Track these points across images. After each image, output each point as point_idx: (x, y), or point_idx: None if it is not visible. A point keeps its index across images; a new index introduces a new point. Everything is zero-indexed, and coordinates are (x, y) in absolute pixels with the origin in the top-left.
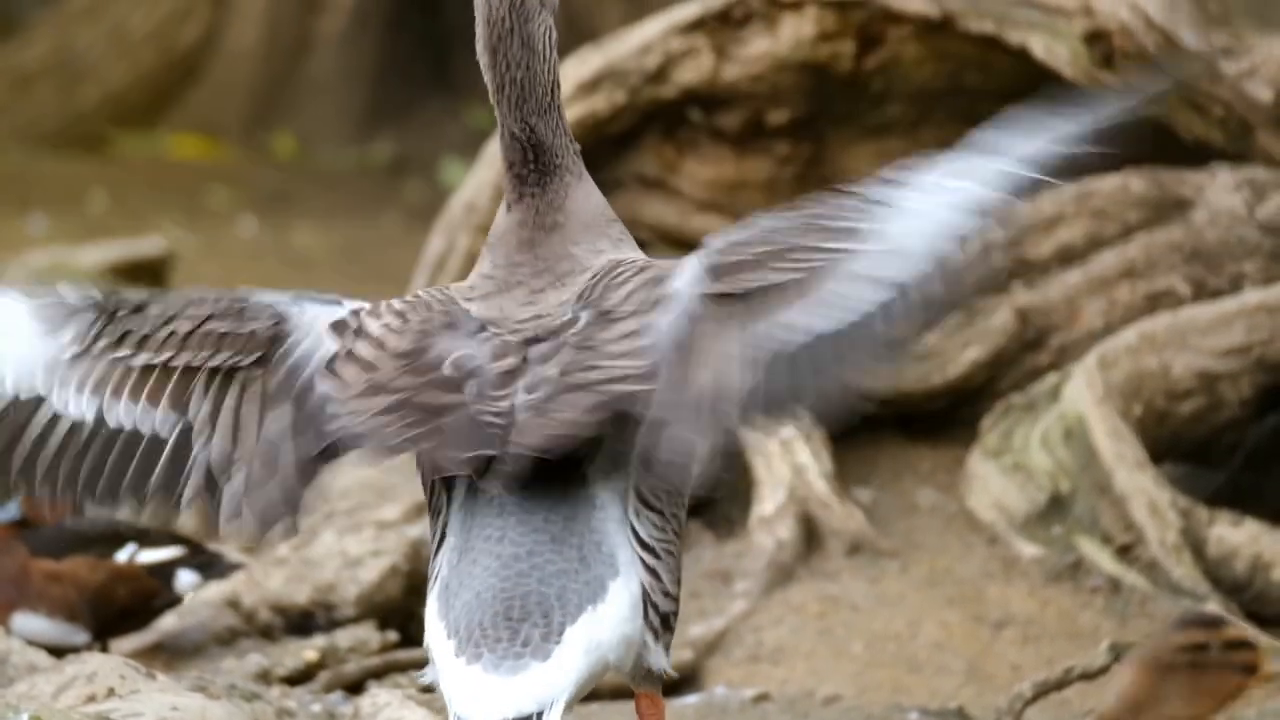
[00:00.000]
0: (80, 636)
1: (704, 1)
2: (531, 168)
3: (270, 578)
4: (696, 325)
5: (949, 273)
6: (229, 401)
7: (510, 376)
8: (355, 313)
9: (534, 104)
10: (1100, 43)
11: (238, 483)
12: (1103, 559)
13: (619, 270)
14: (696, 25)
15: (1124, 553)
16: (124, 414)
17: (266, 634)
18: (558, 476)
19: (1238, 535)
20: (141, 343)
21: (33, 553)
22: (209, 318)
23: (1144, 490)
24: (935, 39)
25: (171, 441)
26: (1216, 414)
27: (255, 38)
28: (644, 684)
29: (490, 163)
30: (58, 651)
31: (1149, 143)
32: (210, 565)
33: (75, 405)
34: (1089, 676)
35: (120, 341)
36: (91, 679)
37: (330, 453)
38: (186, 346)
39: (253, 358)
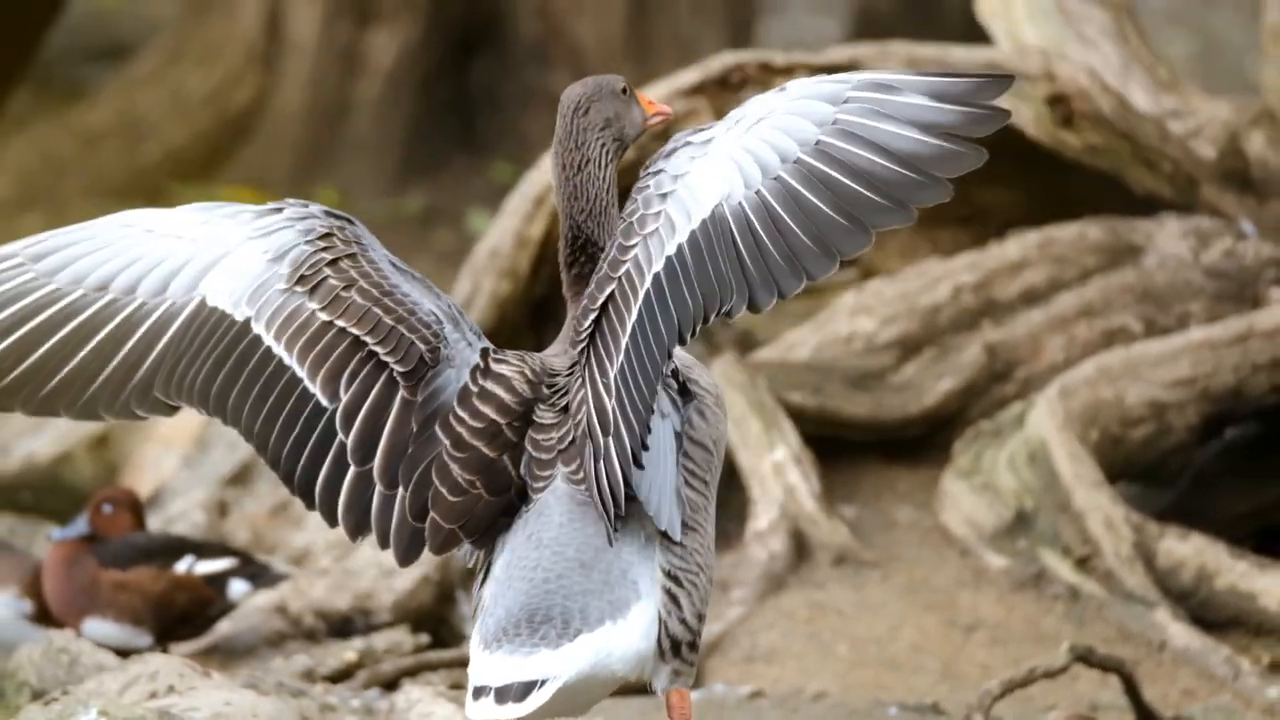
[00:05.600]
0: (144, 639)
1: (704, 67)
2: (585, 267)
3: (314, 586)
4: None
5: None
6: (374, 397)
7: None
8: (485, 353)
9: (584, 204)
10: (1061, 105)
11: (361, 492)
12: (1063, 569)
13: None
14: (697, 89)
15: (1082, 564)
16: (295, 366)
17: (311, 637)
18: (591, 515)
19: (1185, 548)
20: (329, 299)
21: (101, 564)
22: (381, 299)
23: (1100, 507)
24: None
25: (323, 418)
26: (1166, 439)
27: (301, 101)
28: (672, 682)
29: (512, 213)
30: (123, 653)
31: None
32: (260, 575)
33: (267, 335)
34: (1050, 675)
35: (315, 289)
36: (154, 678)
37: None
38: (358, 319)
39: (405, 369)
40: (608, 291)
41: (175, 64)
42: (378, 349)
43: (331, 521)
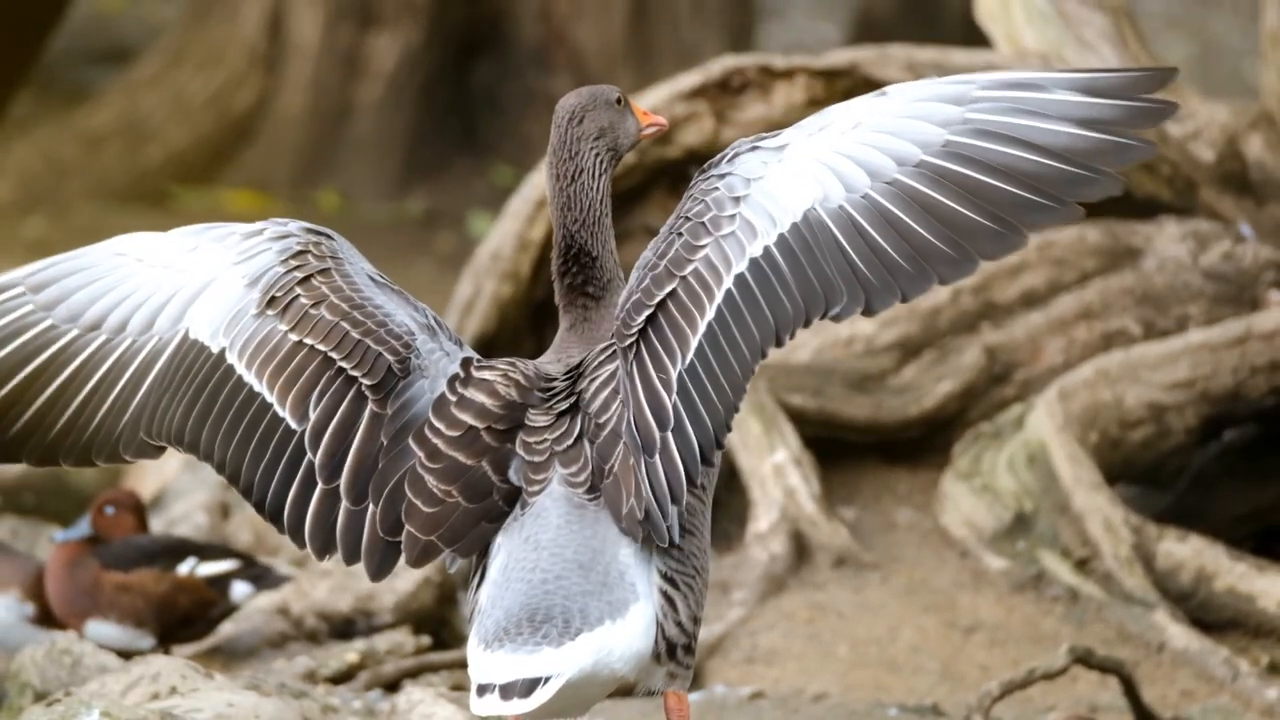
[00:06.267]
0: (146, 641)
1: (704, 71)
2: (578, 277)
3: (316, 588)
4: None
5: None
6: (342, 412)
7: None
8: (466, 362)
9: (577, 214)
10: None
11: (329, 510)
12: (1062, 571)
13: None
14: (698, 92)
15: (1081, 565)
16: (265, 391)
17: (313, 638)
18: (589, 517)
19: (1184, 549)
20: (298, 319)
21: (103, 566)
22: (350, 313)
23: (1099, 509)
24: None
25: (293, 440)
26: (1164, 441)
27: (302, 104)
28: (668, 685)
29: (513, 216)
30: (126, 654)
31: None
32: (263, 577)
33: (239, 364)
34: (1050, 677)
35: (285, 310)
36: (156, 679)
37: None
38: (325, 335)
39: (373, 382)
40: (668, 289)
41: (177, 67)
42: (345, 364)
43: (300, 543)
